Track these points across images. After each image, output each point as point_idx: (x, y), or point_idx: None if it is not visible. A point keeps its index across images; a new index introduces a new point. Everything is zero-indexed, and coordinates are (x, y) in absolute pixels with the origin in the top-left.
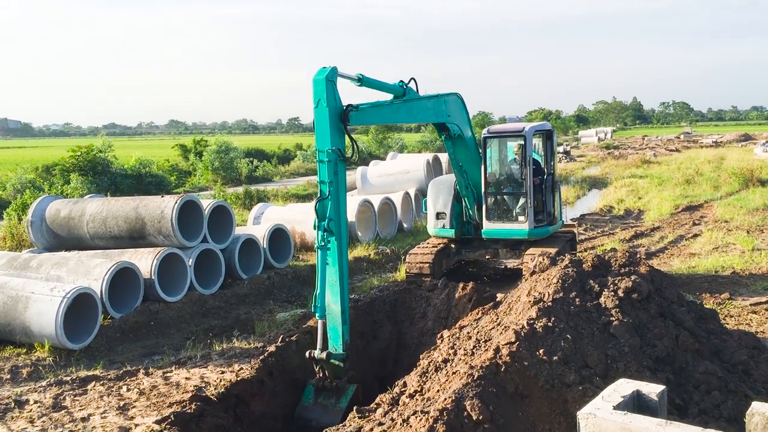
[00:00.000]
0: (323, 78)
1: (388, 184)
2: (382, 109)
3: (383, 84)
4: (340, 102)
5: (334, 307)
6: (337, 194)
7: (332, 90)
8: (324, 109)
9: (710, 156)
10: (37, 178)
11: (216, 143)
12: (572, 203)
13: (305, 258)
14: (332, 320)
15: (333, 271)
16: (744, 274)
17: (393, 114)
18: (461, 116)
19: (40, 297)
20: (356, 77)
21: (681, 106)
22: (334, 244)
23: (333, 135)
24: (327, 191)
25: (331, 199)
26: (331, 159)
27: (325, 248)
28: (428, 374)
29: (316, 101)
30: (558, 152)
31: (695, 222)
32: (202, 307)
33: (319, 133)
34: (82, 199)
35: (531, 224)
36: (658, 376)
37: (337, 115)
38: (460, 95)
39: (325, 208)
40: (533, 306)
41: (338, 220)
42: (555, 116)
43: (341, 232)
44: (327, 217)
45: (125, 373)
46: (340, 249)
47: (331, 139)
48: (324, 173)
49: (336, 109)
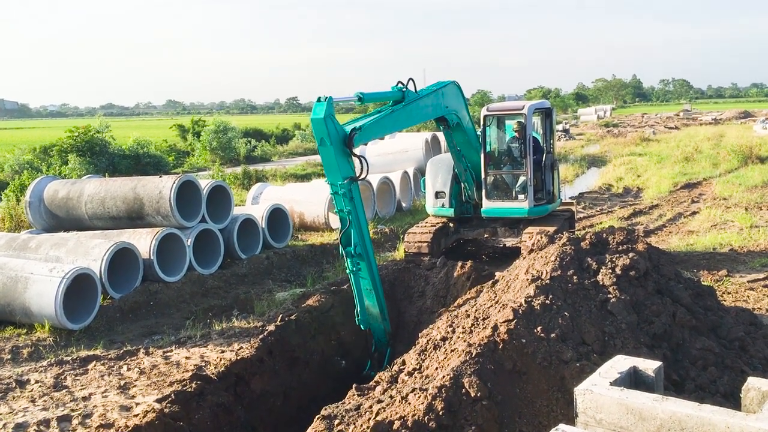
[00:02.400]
0: (322, 118)
1: (386, 163)
2: (383, 122)
3: (383, 94)
4: (342, 130)
5: (373, 310)
6: (357, 218)
7: (332, 125)
8: (329, 147)
9: (709, 133)
10: (35, 158)
11: (214, 123)
12: (571, 181)
13: (304, 238)
14: (374, 320)
15: (367, 282)
16: (742, 252)
17: (393, 123)
18: (458, 104)
19: (39, 277)
20: (356, 97)
21: (680, 83)
22: (364, 264)
23: (341, 166)
24: (347, 220)
25: (353, 226)
26: (344, 189)
27: (357, 271)
28: (427, 352)
29: (319, 140)
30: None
31: (694, 200)
32: (202, 287)
33: (328, 168)
34: (80, 180)
35: (531, 203)
36: (655, 353)
37: (341, 146)
38: (457, 83)
39: (349, 236)
40: (531, 284)
41: (362, 241)
42: (554, 94)
43: (367, 249)
44: (353, 243)
45: (125, 352)
46: (369, 264)
47: (341, 171)
48: (341, 203)
49: (339, 141)
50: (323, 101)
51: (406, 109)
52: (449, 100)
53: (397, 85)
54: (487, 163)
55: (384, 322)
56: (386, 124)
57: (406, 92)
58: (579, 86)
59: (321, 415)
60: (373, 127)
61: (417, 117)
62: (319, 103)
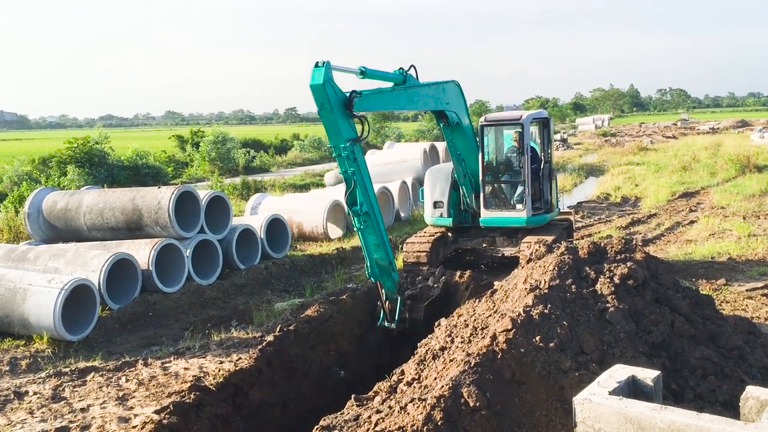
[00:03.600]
0: (321, 84)
1: (385, 173)
2: (383, 96)
3: (385, 74)
4: (341, 94)
5: (381, 263)
6: (361, 177)
7: (332, 89)
8: (329, 112)
9: (707, 142)
10: (34, 170)
11: (213, 134)
12: (569, 191)
13: (303, 248)
14: (383, 272)
15: (375, 237)
16: (740, 260)
17: (395, 101)
18: (459, 104)
19: (38, 289)
20: (359, 70)
21: (678, 93)
22: (370, 222)
23: (343, 128)
24: (352, 181)
25: (358, 186)
26: (347, 151)
27: (364, 228)
28: (426, 362)
29: (319, 105)
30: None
31: (692, 208)
32: (200, 298)
33: (330, 132)
34: (79, 191)
35: (529, 212)
36: (653, 362)
37: (342, 109)
38: (457, 83)
39: (354, 196)
40: (530, 293)
41: (368, 199)
42: (552, 104)
43: (373, 207)
44: (359, 202)
45: (124, 363)
46: (375, 220)
47: (343, 133)
48: (345, 165)
49: (339, 104)
50: (321, 66)
51: (408, 91)
52: (450, 97)
53: (399, 70)
54: (485, 173)
55: (393, 273)
56: (387, 99)
57: (408, 76)
58: (577, 96)
59: (320, 425)
60: (373, 97)
61: (417, 103)
62: (317, 68)
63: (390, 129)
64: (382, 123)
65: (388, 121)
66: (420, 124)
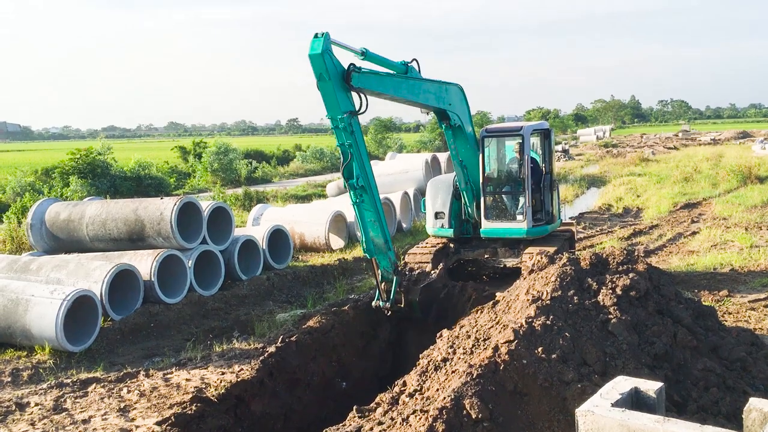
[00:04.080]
0: (320, 53)
1: (387, 184)
2: (384, 79)
3: (387, 60)
4: (339, 65)
5: (378, 240)
6: (358, 151)
7: (330, 60)
8: (327, 82)
9: (708, 154)
10: (37, 181)
11: (215, 145)
12: (571, 202)
13: (305, 258)
14: (379, 251)
15: (371, 214)
16: (742, 271)
17: (395, 87)
18: (462, 108)
19: (40, 300)
20: (360, 50)
21: (679, 104)
22: (367, 196)
23: (341, 100)
24: (349, 153)
25: (354, 159)
26: (345, 123)
27: (360, 203)
28: (428, 373)
29: (318, 75)
30: (557, 151)
31: (694, 219)
32: (202, 309)
33: (328, 103)
34: (82, 202)
35: (529, 223)
36: (656, 374)
37: (340, 81)
38: (461, 87)
39: (351, 168)
40: (532, 304)
41: (364, 173)
42: (553, 115)
43: (370, 182)
44: (355, 175)
45: (126, 374)
46: (372, 196)
47: (340, 105)
48: (342, 137)
49: (338, 75)
50: (320, 37)
51: (409, 81)
52: (452, 98)
53: (402, 61)
54: (486, 184)
55: (389, 252)
56: (387, 83)
57: (410, 68)
58: (578, 107)
59: None
60: (373, 77)
61: (419, 95)
62: (316, 39)
63: (392, 140)
64: (384, 134)
65: (390, 131)
66: (422, 135)
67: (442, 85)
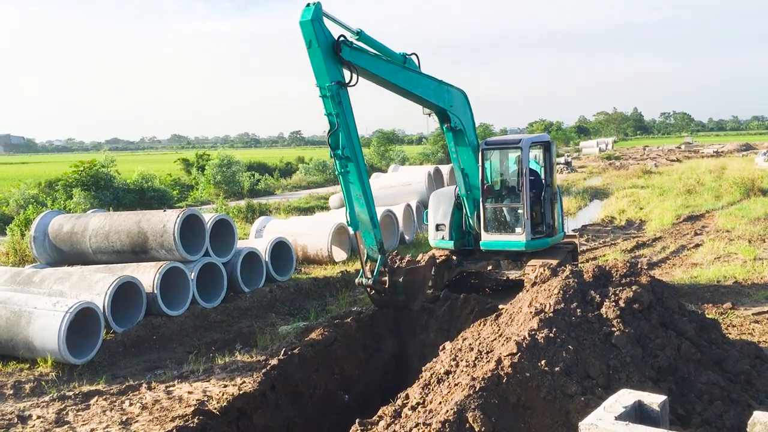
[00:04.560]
0: (309, 20)
1: (389, 196)
2: (378, 61)
3: (384, 47)
4: (330, 36)
5: (363, 216)
6: (345, 122)
7: (320, 28)
8: (316, 49)
9: (711, 166)
10: (40, 193)
11: (218, 157)
12: (574, 214)
13: (307, 271)
14: (364, 227)
15: (356, 187)
16: (746, 284)
17: (390, 72)
18: (465, 113)
19: (42, 312)
20: (355, 30)
21: (682, 116)
22: (352, 167)
23: (329, 69)
24: (335, 122)
25: (341, 128)
26: (332, 92)
27: (345, 173)
28: (430, 386)
29: (308, 42)
30: (559, 163)
31: (697, 232)
32: (205, 321)
33: (317, 71)
34: (85, 214)
35: (528, 236)
36: (660, 387)
37: (330, 50)
38: (465, 93)
39: (337, 138)
40: (535, 317)
41: (351, 145)
42: (556, 127)
43: (356, 154)
44: (341, 145)
45: (128, 387)
46: (358, 168)
47: (329, 74)
48: (329, 106)
49: (327, 44)
50: (311, 6)
51: (407, 72)
52: (455, 101)
53: (401, 53)
54: (485, 196)
55: (374, 230)
56: (381, 66)
57: (409, 60)
58: (580, 119)
59: None
60: (366, 55)
61: (416, 87)
62: (307, 7)
63: (394, 152)
64: (386, 146)
65: (393, 144)
66: (424, 148)
67: (443, 84)
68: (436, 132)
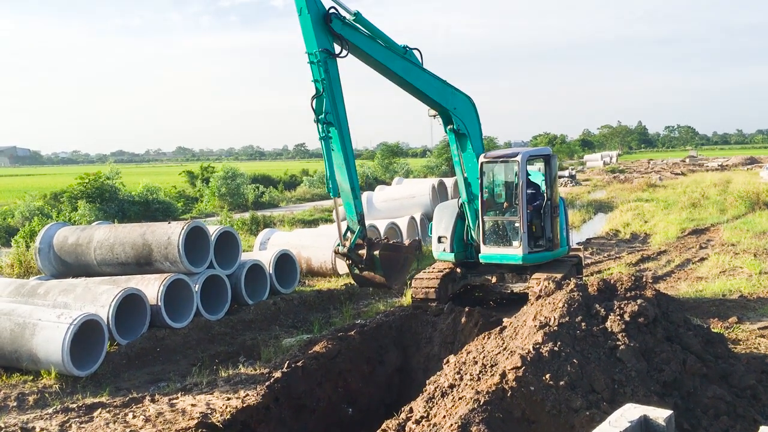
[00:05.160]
0: None
1: (393, 208)
2: (374, 43)
3: (382, 33)
4: (321, 6)
5: (344, 185)
6: (330, 89)
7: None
8: (306, 16)
9: (716, 179)
10: (46, 205)
11: (223, 169)
12: (578, 227)
13: (311, 283)
14: (345, 197)
15: (339, 156)
16: (752, 298)
17: (386, 57)
18: (471, 119)
19: (47, 324)
20: (353, 12)
21: (686, 129)
22: (335, 133)
23: (318, 37)
24: (321, 88)
25: (326, 94)
26: (319, 59)
27: (327, 138)
28: (434, 399)
29: (298, 9)
30: (564, 176)
31: (702, 245)
32: (208, 333)
33: (306, 37)
34: (90, 226)
35: (525, 249)
36: (665, 401)
37: (320, 19)
38: (472, 100)
39: (321, 103)
40: (539, 330)
41: (335, 112)
42: (560, 140)
43: (340, 121)
44: (324, 111)
45: (131, 399)
46: (341, 136)
47: (317, 41)
48: (315, 72)
49: (318, 12)
50: None
51: (406, 62)
52: (459, 104)
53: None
54: (484, 209)
55: (355, 201)
56: (376, 49)
57: (410, 52)
58: (585, 132)
59: None
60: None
61: (416, 79)
62: None
63: (398, 165)
64: (390, 159)
65: (397, 156)
66: (428, 160)
67: (448, 85)
68: (441, 145)
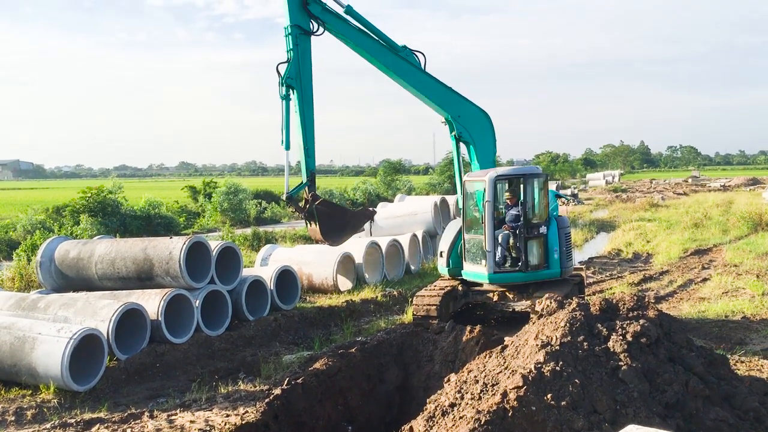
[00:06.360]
0: None
1: (396, 225)
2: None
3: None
4: None
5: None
6: (297, 58)
7: None
8: None
9: (718, 200)
10: (48, 219)
11: (225, 185)
12: (580, 246)
13: (312, 299)
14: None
15: (298, 118)
16: (755, 319)
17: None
18: (481, 133)
19: (46, 338)
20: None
21: (688, 149)
22: (297, 97)
23: (293, 14)
24: (289, 57)
25: (292, 62)
26: (292, 33)
27: (287, 98)
28: (435, 419)
29: None
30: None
31: (704, 266)
32: (209, 349)
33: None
34: (92, 240)
35: (491, 268)
36: (668, 423)
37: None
38: (488, 115)
39: (288, 68)
40: (541, 350)
41: (299, 78)
42: (563, 159)
43: (303, 87)
44: (286, 75)
45: (130, 415)
46: (301, 99)
47: (291, 17)
48: (287, 43)
49: None
50: None
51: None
52: (466, 113)
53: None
54: (466, 227)
55: (307, 159)
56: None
57: (409, 53)
58: (587, 152)
59: None
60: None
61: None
62: None
63: (401, 182)
64: (393, 176)
65: (399, 174)
66: (431, 178)
67: (454, 93)
68: (443, 162)
